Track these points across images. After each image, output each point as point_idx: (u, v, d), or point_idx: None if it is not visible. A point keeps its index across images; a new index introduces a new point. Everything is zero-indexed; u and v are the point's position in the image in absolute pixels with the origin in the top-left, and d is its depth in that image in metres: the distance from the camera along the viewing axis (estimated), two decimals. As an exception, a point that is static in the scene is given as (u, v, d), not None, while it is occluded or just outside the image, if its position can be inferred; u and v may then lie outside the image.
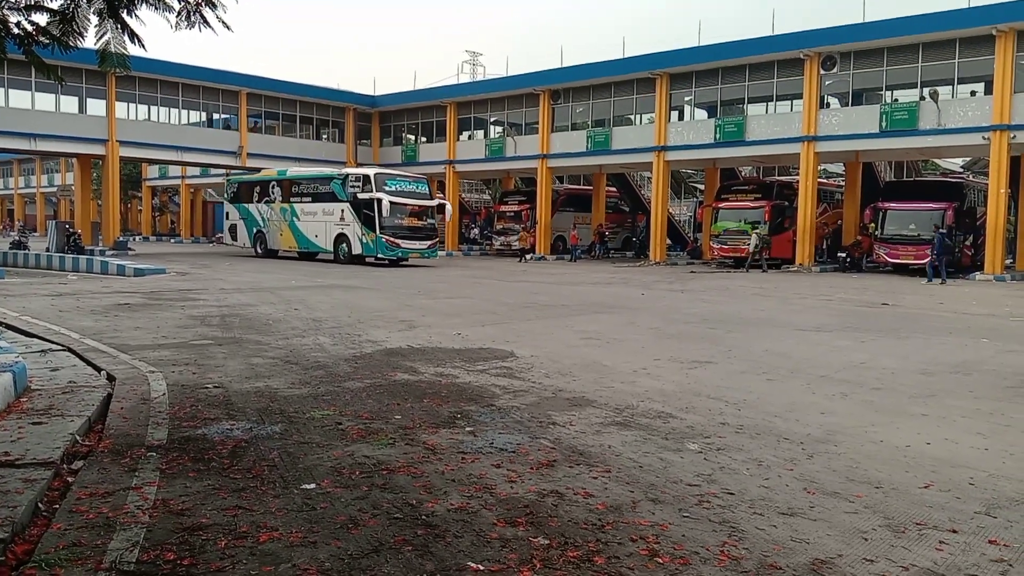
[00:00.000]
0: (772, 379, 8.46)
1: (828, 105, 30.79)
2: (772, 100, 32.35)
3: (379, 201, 27.44)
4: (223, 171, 49.02)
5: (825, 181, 37.91)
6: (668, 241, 36.97)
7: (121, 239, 36.19)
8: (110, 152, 35.37)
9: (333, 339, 10.61)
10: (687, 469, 5.20)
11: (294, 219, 31.53)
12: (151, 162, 50.71)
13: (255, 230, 33.56)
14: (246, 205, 34.07)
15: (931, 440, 6.05)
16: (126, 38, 6.01)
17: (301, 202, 31.33)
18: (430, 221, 29.92)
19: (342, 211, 29.25)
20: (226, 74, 39.47)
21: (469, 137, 43.33)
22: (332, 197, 29.71)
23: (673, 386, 7.94)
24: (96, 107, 35.29)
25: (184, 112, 39.49)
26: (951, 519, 4.37)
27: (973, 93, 28.19)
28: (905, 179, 39.00)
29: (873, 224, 28.75)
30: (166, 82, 37.35)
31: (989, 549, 3.97)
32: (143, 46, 6.09)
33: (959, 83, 27.81)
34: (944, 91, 27.40)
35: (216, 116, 41.53)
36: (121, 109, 36.33)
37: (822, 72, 29.65)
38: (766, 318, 14.39)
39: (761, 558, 3.80)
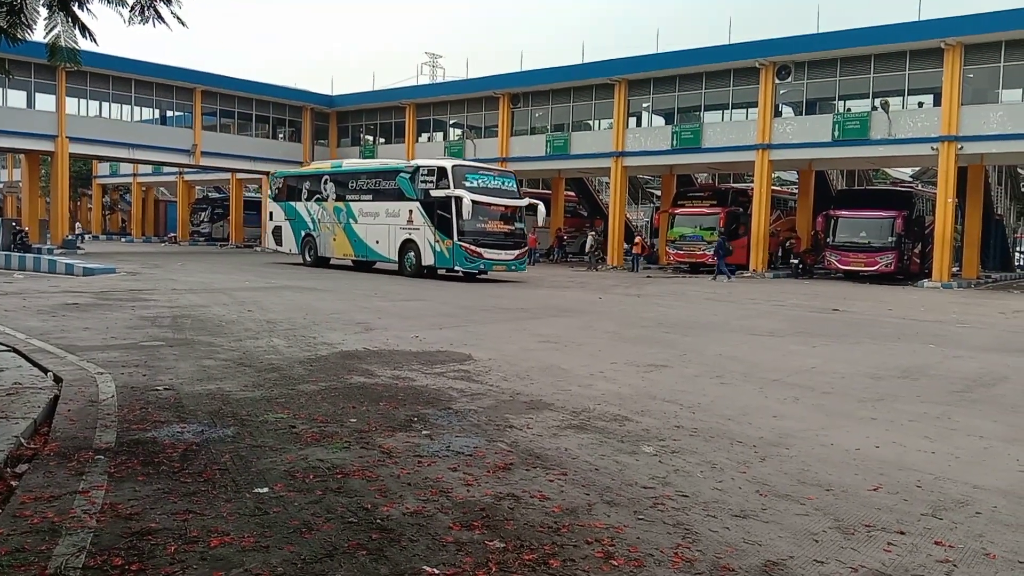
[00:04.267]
0: (725, 383, 8.57)
1: (782, 114, 31.34)
2: (728, 108, 32.83)
3: (458, 200, 22.47)
4: (176, 169, 48.29)
5: (779, 188, 38.64)
6: (625, 246, 37.27)
7: (71, 237, 35.34)
8: (59, 148, 34.47)
9: (287, 341, 10.49)
10: (642, 472, 5.24)
11: (350, 221, 26.71)
12: (102, 159, 49.63)
13: (303, 233, 28.91)
14: (293, 204, 29.42)
15: (880, 443, 6.17)
16: (77, 32, 5.90)
17: (359, 200, 26.47)
18: (519, 226, 24.66)
19: (410, 212, 24.33)
20: (180, 71, 38.70)
21: (428, 139, 43.17)
22: (398, 195, 24.87)
23: (629, 389, 7.99)
24: (45, 102, 34.44)
25: (137, 109, 38.65)
26: (899, 521, 4.46)
27: (921, 104, 28.92)
28: (856, 187, 39.88)
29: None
30: (118, 78, 36.53)
31: (935, 550, 4.06)
32: (95, 40, 5.99)
33: (909, 94, 28.56)
34: (895, 102, 28.07)
35: (170, 114, 40.75)
36: (71, 105, 35.50)
37: (777, 81, 30.18)
38: (720, 323, 14.58)
39: (714, 560, 3.84)
